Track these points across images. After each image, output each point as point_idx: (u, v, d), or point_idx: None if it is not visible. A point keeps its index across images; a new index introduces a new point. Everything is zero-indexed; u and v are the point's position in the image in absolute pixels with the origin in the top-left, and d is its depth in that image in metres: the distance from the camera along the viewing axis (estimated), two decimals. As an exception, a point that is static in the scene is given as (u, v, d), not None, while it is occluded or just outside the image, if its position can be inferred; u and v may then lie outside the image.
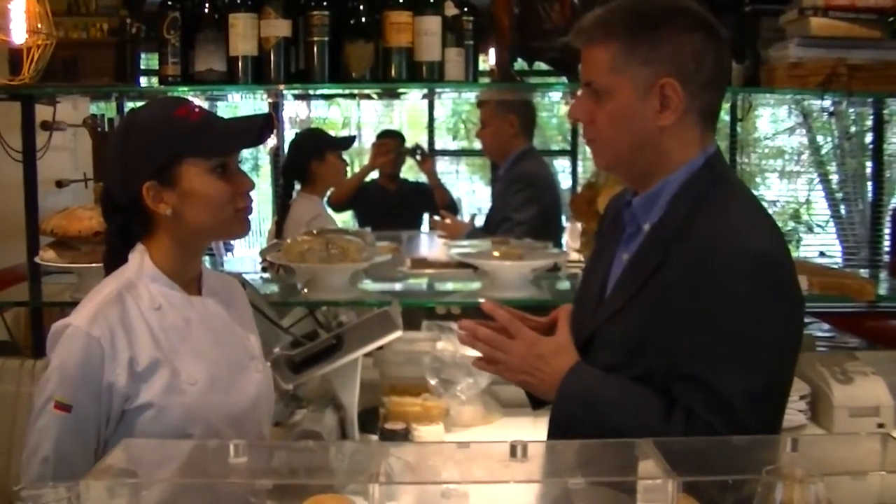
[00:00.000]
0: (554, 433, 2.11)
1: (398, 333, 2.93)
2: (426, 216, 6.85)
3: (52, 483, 2.01)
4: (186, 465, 1.68)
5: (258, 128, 2.27)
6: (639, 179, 2.15)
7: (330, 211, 7.09)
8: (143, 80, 3.62)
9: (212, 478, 1.56)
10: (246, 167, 12.72)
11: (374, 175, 6.97)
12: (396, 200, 6.72)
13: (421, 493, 1.62)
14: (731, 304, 1.92)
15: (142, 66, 3.72)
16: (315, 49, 3.27)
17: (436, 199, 6.70)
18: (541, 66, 3.72)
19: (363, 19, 3.28)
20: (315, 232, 3.75)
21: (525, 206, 5.12)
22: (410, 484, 1.59)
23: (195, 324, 2.29)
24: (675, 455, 1.57)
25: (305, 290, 3.51)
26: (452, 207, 6.81)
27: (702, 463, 1.61)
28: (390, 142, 6.91)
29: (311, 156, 5.35)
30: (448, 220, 5.34)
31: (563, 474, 1.63)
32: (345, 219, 7.27)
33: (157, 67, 3.39)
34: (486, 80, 4.02)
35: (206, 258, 8.98)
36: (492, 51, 3.61)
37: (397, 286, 3.89)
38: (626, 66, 2.03)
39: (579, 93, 2.16)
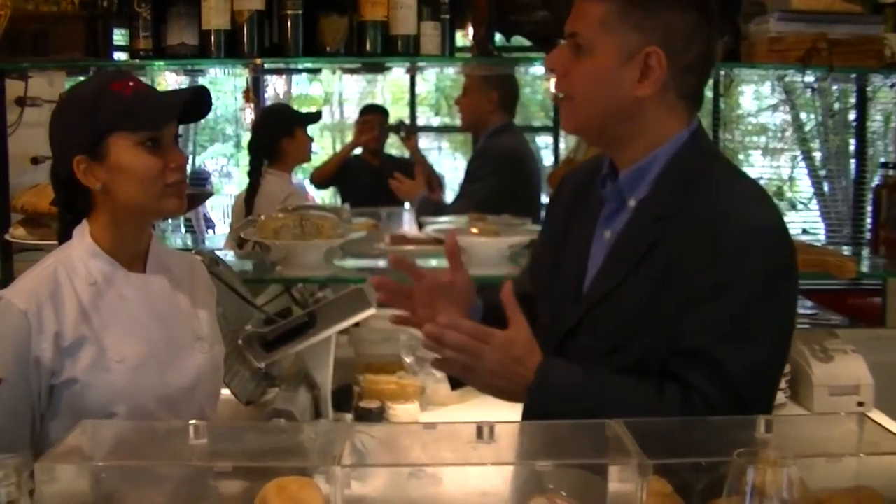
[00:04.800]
0: None
1: (372, 311, 2.90)
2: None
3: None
4: (144, 447, 1.63)
5: (185, 101, 2.23)
6: (610, 147, 2.10)
7: (311, 187, 7.06)
8: (117, 56, 3.54)
9: (170, 460, 1.52)
10: (228, 144, 12.69)
11: (358, 150, 6.89)
12: (380, 176, 6.60)
13: (387, 475, 1.59)
14: (740, 279, 1.89)
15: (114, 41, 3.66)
16: (289, 23, 3.21)
17: (419, 175, 6.64)
18: (523, 41, 3.67)
19: (337, -8, 3.22)
20: (289, 208, 3.71)
21: (481, 179, 5.09)
22: (373, 466, 1.55)
23: (132, 301, 2.26)
24: (646, 437, 1.54)
25: (279, 268, 3.47)
26: (437, 183, 6.76)
27: (674, 444, 1.58)
28: (374, 118, 6.82)
29: (281, 132, 5.30)
30: (402, 181, 5.29)
31: (532, 456, 1.60)
32: (323, 195, 7.22)
33: (126, 42, 3.33)
34: (465, 55, 3.97)
35: (189, 235, 9.03)
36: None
37: (374, 263, 3.85)
38: (616, 26, 1.97)
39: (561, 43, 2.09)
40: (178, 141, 2.30)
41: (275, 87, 8.43)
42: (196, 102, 2.28)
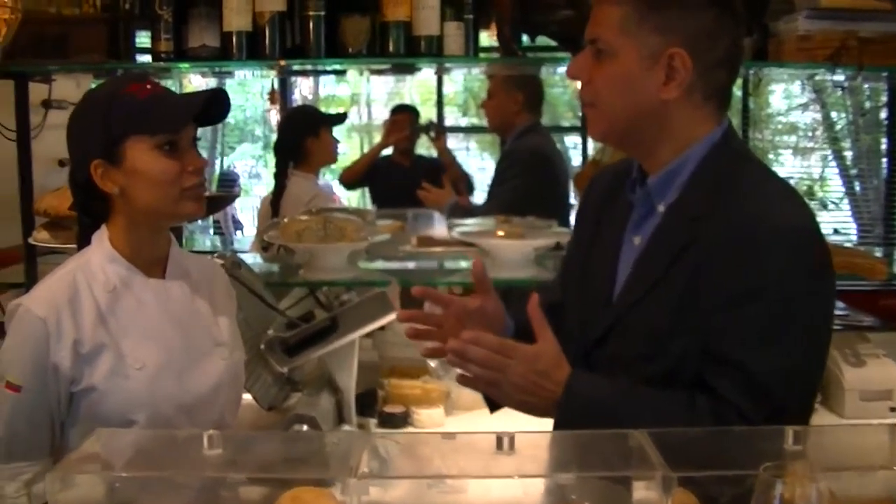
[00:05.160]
0: None
1: (394, 315, 2.87)
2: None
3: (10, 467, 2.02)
4: (158, 457, 1.60)
5: (202, 104, 2.20)
6: (638, 152, 2.04)
7: (340, 188, 7.03)
8: (139, 58, 3.53)
9: (183, 470, 1.49)
10: (257, 145, 12.71)
11: (388, 151, 6.85)
12: (410, 177, 6.56)
13: (405, 486, 1.55)
14: (772, 282, 1.83)
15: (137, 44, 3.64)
16: (311, 24, 3.18)
17: (450, 177, 6.60)
18: (549, 41, 3.63)
19: (359, -8, 3.19)
20: (313, 211, 3.68)
21: (510, 181, 5.06)
22: (389, 478, 1.52)
23: (151, 307, 2.24)
24: (671, 447, 1.49)
25: (302, 271, 3.44)
26: (466, 185, 6.72)
27: (700, 456, 1.53)
28: (403, 117, 6.79)
29: (307, 133, 5.29)
30: (430, 191, 5.24)
31: (554, 467, 1.56)
32: (349, 196, 7.21)
33: (149, 44, 3.31)
34: (491, 54, 3.93)
35: (217, 237, 9.03)
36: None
37: (398, 265, 3.81)
38: (636, 29, 1.92)
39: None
40: (197, 144, 2.27)
41: (300, 88, 8.43)
42: (214, 105, 2.26)
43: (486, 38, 3.70)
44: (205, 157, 2.26)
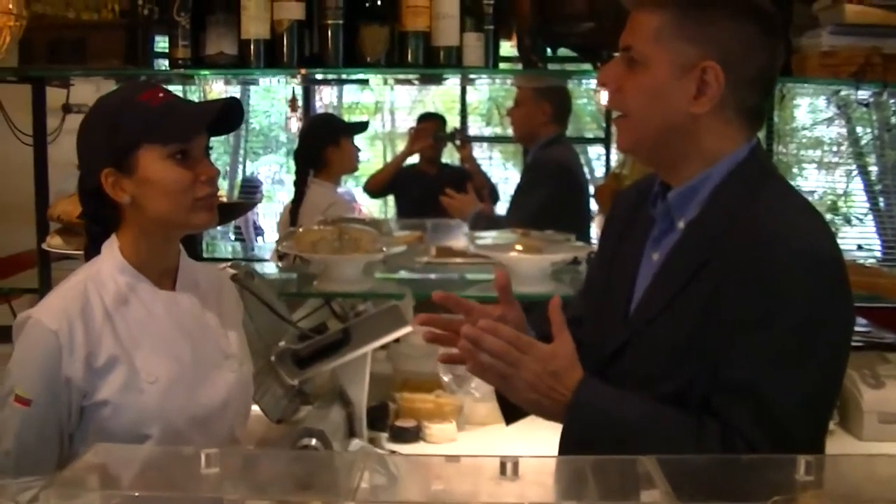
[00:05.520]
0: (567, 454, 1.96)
1: (408, 329, 2.84)
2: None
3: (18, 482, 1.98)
4: (154, 475, 1.57)
5: (215, 113, 2.17)
6: (664, 167, 2.00)
7: (365, 196, 7.01)
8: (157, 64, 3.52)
9: (179, 489, 1.46)
10: (280, 152, 12.70)
11: (415, 160, 6.82)
12: (436, 186, 6.51)
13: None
14: (786, 307, 1.78)
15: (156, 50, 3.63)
16: (329, 32, 3.14)
17: (475, 186, 6.56)
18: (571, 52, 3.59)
19: (378, 2, 3.15)
20: (328, 221, 3.66)
21: (533, 192, 5.02)
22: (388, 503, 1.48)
23: (161, 318, 2.21)
24: (680, 475, 1.45)
25: (316, 282, 3.41)
26: (492, 194, 6.69)
27: (709, 485, 1.49)
28: (429, 125, 6.75)
29: (327, 141, 5.28)
30: (454, 197, 5.20)
31: (558, 494, 1.52)
32: (370, 205, 7.18)
33: (166, 50, 3.29)
34: (509, 65, 3.89)
35: (238, 243, 9.03)
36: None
37: (415, 276, 3.78)
38: (670, 38, 1.88)
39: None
40: (210, 153, 2.24)
41: (320, 96, 8.41)
42: (228, 114, 2.23)
43: (509, 47, 3.66)
44: (217, 167, 2.23)
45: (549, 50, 3.48)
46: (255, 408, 2.66)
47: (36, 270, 3.53)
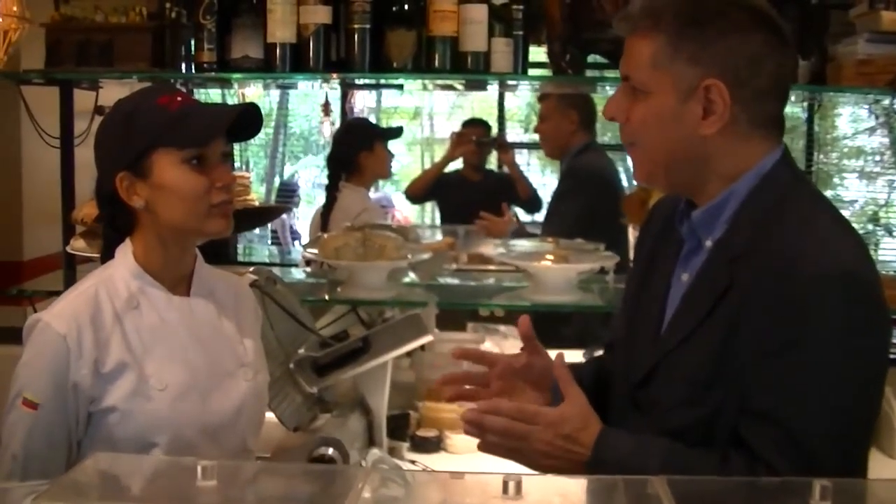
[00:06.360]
0: None
1: (428, 338, 2.81)
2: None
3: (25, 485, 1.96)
4: (149, 487, 1.54)
5: (233, 118, 2.13)
6: (685, 191, 1.92)
7: (405, 202, 6.97)
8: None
9: (172, 502, 1.42)
10: (320, 156, 12.69)
11: (459, 165, 6.76)
12: (480, 192, 6.44)
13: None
14: (814, 330, 1.69)
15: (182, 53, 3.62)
16: (356, 37, 3.12)
17: (518, 192, 6.51)
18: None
19: (406, 6, 3.13)
20: (354, 227, 3.62)
21: (571, 199, 4.98)
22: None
23: (174, 325, 2.17)
24: (690, 498, 1.40)
25: (339, 288, 3.38)
26: (535, 201, 6.65)
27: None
28: (471, 131, 6.69)
29: (361, 147, 5.25)
30: (488, 220, 5.13)
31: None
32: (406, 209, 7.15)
33: (192, 53, 3.28)
34: (539, 71, 3.85)
35: (275, 247, 9.02)
36: (547, 43, 3.44)
37: (441, 283, 3.75)
38: (669, 62, 1.80)
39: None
40: (229, 159, 2.21)
41: (353, 101, 8.39)
42: (248, 119, 2.20)
43: (542, 53, 3.62)
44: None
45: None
46: (271, 415, 2.62)
47: (61, 272, 3.53)
